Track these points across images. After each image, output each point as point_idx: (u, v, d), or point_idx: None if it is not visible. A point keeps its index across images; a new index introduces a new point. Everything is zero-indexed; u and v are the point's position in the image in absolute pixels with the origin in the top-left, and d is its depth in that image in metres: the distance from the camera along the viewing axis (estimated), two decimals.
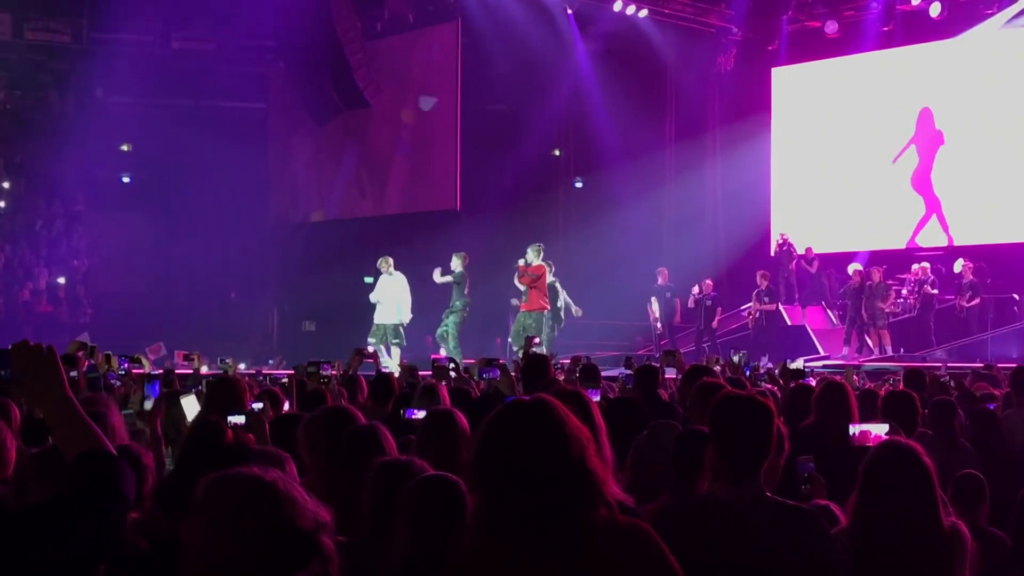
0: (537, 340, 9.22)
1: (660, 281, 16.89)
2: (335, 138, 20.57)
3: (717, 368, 8.19)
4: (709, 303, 16.53)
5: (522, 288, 14.16)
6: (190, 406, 5.09)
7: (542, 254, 14.19)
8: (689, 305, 16.63)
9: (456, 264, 14.45)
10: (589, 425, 2.13)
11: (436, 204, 19.28)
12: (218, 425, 3.73)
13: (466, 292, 14.36)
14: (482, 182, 18.87)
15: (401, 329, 14.35)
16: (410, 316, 14.47)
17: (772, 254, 18.18)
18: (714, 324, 16.54)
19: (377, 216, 20.31)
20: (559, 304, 14.78)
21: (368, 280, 14.62)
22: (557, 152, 20.54)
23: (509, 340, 14.33)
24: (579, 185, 20.43)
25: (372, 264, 15.39)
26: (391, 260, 14.62)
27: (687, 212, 19.51)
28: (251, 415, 4.12)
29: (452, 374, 7.33)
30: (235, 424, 3.92)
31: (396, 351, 14.25)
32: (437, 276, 14.40)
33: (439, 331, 14.45)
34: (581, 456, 2.00)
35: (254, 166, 21.11)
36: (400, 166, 19.91)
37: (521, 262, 14.13)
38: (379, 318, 14.47)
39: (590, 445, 2.04)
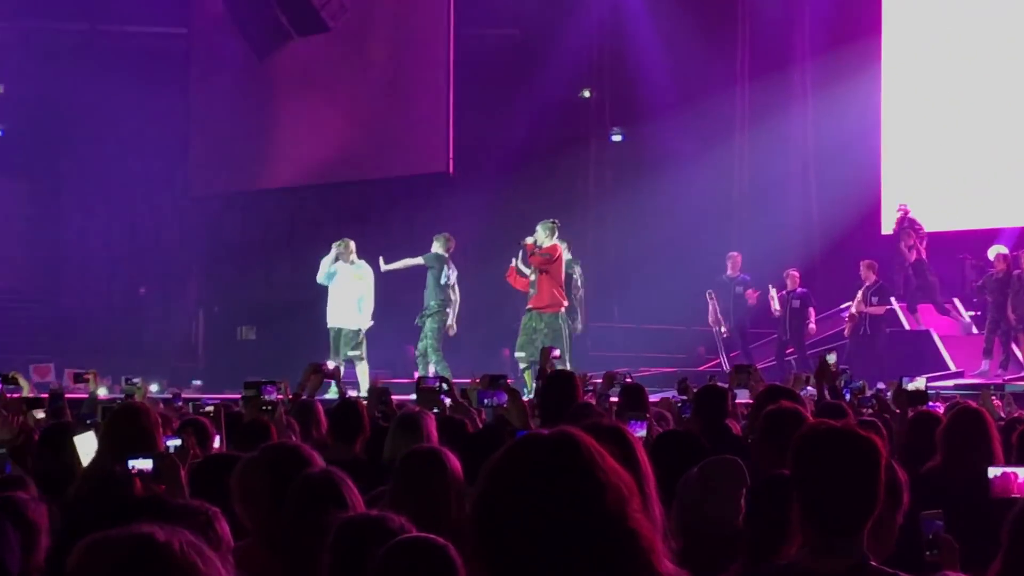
0: (557, 353, 9.18)
1: (729, 271, 16.85)
2: (282, 77, 20.63)
3: (808, 391, 8.18)
4: (796, 303, 16.49)
5: (529, 274, 14.14)
6: (86, 445, 5.13)
7: (557, 234, 14.13)
8: (773, 307, 16.56)
9: (437, 247, 14.48)
10: (632, 471, 2.12)
11: (420, 166, 19.32)
12: (120, 473, 3.77)
13: (446, 284, 14.37)
14: (483, 136, 18.90)
15: (361, 337, 14.42)
16: (370, 322, 14.54)
17: (888, 233, 18.15)
18: (805, 331, 16.51)
19: (339, 183, 20.38)
20: (576, 299, 14.72)
21: (340, 268, 14.68)
22: (587, 94, 20.55)
23: (516, 354, 14.32)
24: (617, 139, 20.44)
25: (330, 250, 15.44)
26: (352, 245, 14.66)
27: (766, 176, 19.48)
28: (159, 458, 4.15)
29: (445, 400, 7.37)
30: (140, 471, 3.94)
31: (362, 368, 14.31)
32: (383, 264, 14.50)
33: (420, 345, 14.47)
34: (621, 514, 2.00)
35: (170, 115, 21.18)
36: (371, 115, 19.93)
37: (528, 240, 14.11)
38: (332, 320, 14.55)
39: (633, 499, 2.02)
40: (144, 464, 4.03)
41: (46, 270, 21.29)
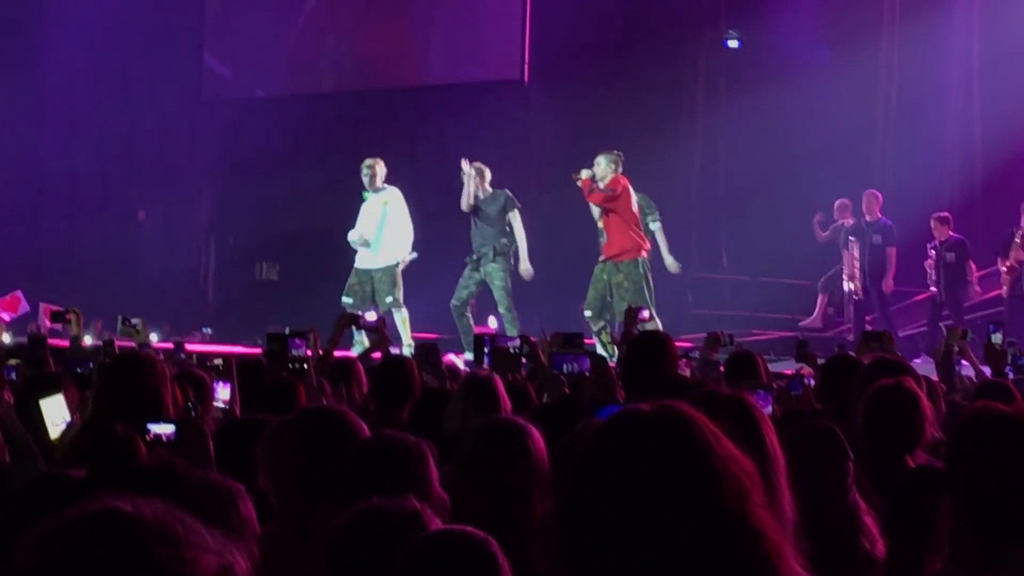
0: (646, 314, 9.07)
1: (868, 215, 16.70)
2: None
3: (963, 366, 8.11)
4: (951, 255, 16.30)
5: (596, 215, 14.10)
6: (54, 411, 5.19)
7: (620, 166, 14.04)
8: (927, 260, 16.37)
9: (473, 183, 14.41)
10: (757, 455, 2.14)
11: (487, 71, 19.31)
12: (123, 435, 3.84)
13: (510, 226, 14.34)
14: (565, 37, 18.83)
15: (397, 279, 14.45)
16: (411, 253, 14.58)
17: None
18: (963, 290, 16.31)
19: (384, 89, 20.42)
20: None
21: (369, 196, 14.75)
22: None
23: (584, 312, 14.26)
24: (733, 44, 20.25)
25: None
26: (382, 166, 14.70)
27: (919, 91, 19.24)
28: (185, 424, 4.23)
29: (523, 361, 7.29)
30: (158, 436, 4.01)
31: (401, 317, 14.37)
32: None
33: (458, 295, 14.46)
34: (742, 510, 2.00)
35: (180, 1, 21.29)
36: (431, 9, 19.93)
37: (583, 174, 14.03)
38: (361, 262, 14.65)
39: (756, 489, 2.03)
40: (165, 429, 4.09)
41: (23, 188, 21.39)
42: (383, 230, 14.57)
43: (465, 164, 14.34)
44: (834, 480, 3.96)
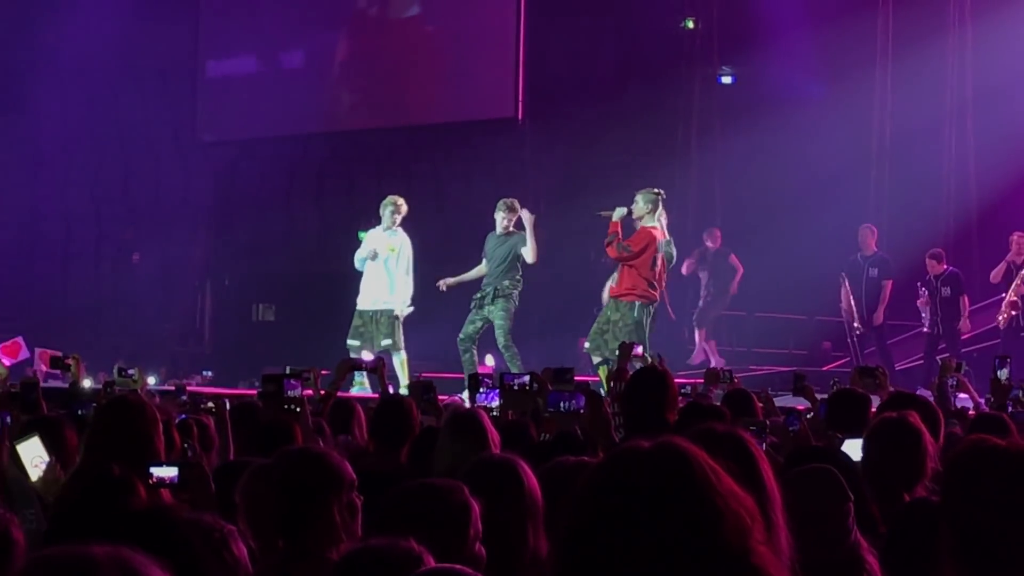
0: (640, 350, 9.14)
1: (864, 249, 16.74)
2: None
3: (961, 398, 8.12)
4: (947, 290, 16.33)
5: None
6: (30, 453, 5.19)
7: (660, 208, 14.01)
8: (919, 299, 16.38)
9: (503, 217, 14.38)
10: (756, 491, 2.14)
11: (481, 110, 19.33)
12: (120, 477, 3.84)
13: (520, 260, 14.31)
14: (559, 75, 18.88)
15: (396, 324, 14.44)
16: (408, 307, 14.55)
17: None
18: (958, 324, 16.33)
19: (378, 129, 20.45)
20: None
21: (364, 236, 14.74)
22: (690, 24, 20.43)
23: (586, 344, 14.30)
24: (727, 80, 20.32)
25: (370, 210, 15.51)
26: (402, 204, 14.67)
27: (912, 126, 19.27)
28: (187, 467, 4.24)
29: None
30: (160, 479, 4.02)
31: (400, 360, 14.36)
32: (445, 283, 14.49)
33: (465, 330, 14.44)
34: (743, 548, 2.00)
35: (175, 43, 21.34)
36: (422, 45, 19.99)
37: (615, 215, 13.98)
38: (363, 303, 14.63)
39: (757, 526, 2.03)
40: (168, 472, 4.11)
41: (17, 231, 21.39)
42: (390, 275, 14.53)
43: (525, 213, 14.27)
44: (835, 521, 3.96)
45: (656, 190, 13.92)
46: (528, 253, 14.12)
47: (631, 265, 13.81)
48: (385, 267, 14.55)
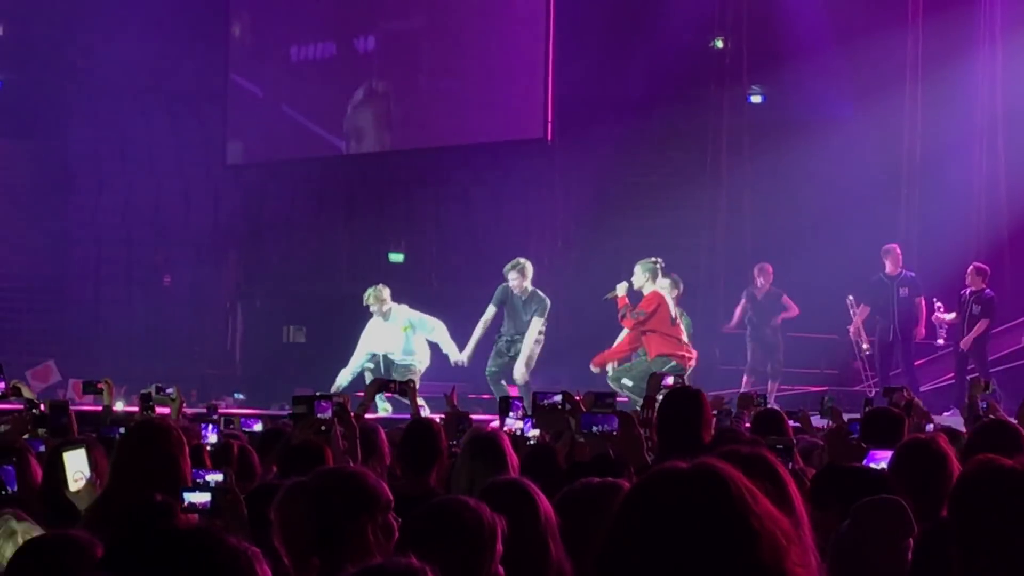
0: (670, 380, 9.10)
1: (889, 268, 16.67)
2: (343, 20, 20.82)
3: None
4: (977, 308, 16.22)
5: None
6: (75, 464, 5.20)
7: (659, 275, 14.04)
8: (939, 317, 16.31)
9: (516, 277, 14.38)
10: (787, 512, 2.13)
11: (511, 131, 19.37)
12: (162, 503, 3.86)
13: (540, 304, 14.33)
14: (589, 95, 18.89)
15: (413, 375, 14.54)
16: (426, 362, 14.72)
17: None
18: (986, 344, 16.24)
19: (407, 151, 20.50)
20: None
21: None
22: (720, 43, 20.44)
23: (609, 375, 14.28)
24: (757, 100, 20.31)
25: (400, 231, 15.53)
26: (385, 292, 14.72)
27: (942, 144, 19.22)
28: (219, 492, 4.24)
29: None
30: (192, 504, 4.02)
31: (383, 407, 14.46)
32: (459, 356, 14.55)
33: (494, 362, 14.50)
34: (779, 569, 2.00)
35: (207, 65, 21.43)
36: (452, 66, 20.05)
37: (619, 291, 14.02)
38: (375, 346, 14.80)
39: (793, 547, 2.03)
40: (201, 498, 4.11)
41: (49, 255, 21.50)
42: (411, 352, 14.69)
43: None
44: (896, 554, 3.92)
45: (654, 259, 14.10)
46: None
47: (651, 330, 13.84)
48: (407, 344, 14.62)
